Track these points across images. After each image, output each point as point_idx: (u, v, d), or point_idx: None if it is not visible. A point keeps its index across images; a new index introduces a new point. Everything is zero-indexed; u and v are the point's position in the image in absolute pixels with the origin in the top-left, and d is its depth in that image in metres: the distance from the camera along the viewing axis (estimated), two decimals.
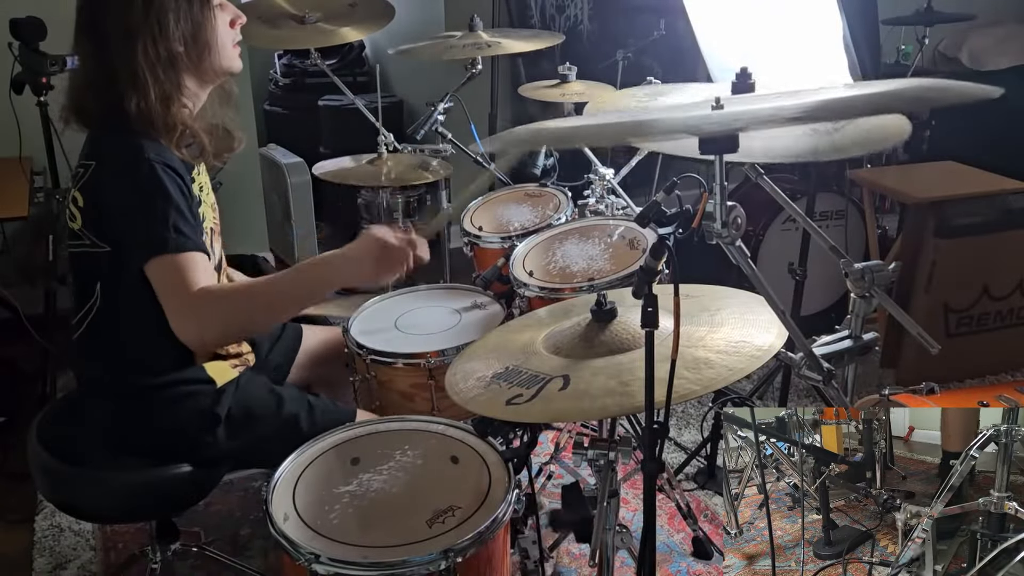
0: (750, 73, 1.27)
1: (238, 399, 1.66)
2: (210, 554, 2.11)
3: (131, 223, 1.50)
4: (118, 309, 1.57)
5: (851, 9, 2.01)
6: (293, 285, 1.59)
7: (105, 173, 1.52)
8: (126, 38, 1.49)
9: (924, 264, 2.91)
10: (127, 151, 1.50)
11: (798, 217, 1.56)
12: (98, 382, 1.65)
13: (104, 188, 1.52)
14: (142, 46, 1.49)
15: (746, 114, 1.07)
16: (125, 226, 1.51)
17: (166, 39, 1.51)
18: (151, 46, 1.50)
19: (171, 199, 1.49)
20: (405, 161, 2.71)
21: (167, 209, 1.48)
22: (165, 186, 1.49)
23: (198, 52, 1.55)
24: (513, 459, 1.43)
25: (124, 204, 1.50)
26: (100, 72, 1.52)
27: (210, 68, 1.59)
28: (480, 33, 2.67)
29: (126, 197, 1.50)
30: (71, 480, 1.62)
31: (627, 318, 1.35)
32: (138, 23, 1.49)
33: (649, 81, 2.48)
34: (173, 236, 1.47)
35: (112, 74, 1.50)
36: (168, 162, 1.51)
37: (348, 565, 1.25)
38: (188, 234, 1.49)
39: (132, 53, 1.49)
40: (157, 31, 1.50)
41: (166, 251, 1.47)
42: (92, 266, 1.56)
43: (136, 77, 1.49)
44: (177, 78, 1.55)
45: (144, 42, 1.49)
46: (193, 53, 1.55)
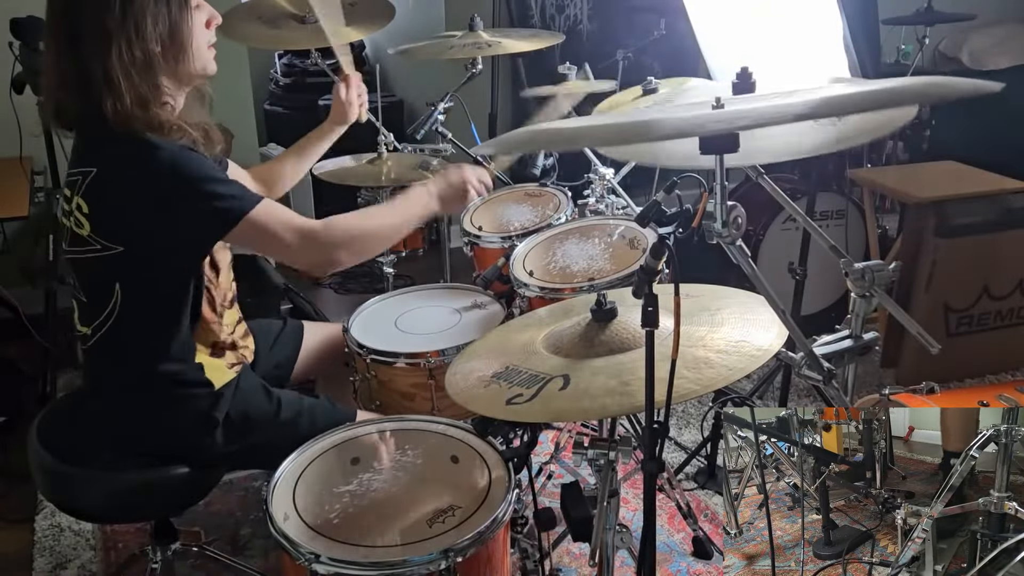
0: (750, 73, 1.26)
1: (236, 403, 1.65)
2: (210, 554, 2.11)
3: (181, 215, 1.46)
4: (139, 307, 1.55)
5: (851, 9, 2.02)
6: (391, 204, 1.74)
7: (114, 176, 1.48)
8: (101, 39, 1.44)
9: (924, 264, 2.91)
10: (137, 150, 1.46)
11: (798, 217, 1.56)
12: (104, 382, 1.65)
13: (115, 192, 1.48)
14: (116, 49, 1.44)
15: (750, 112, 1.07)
16: (169, 221, 1.46)
17: (142, 40, 1.46)
18: (126, 48, 1.44)
19: (205, 174, 1.47)
20: (405, 161, 2.71)
21: (210, 184, 1.47)
22: (198, 164, 1.47)
23: (174, 54, 1.50)
24: (513, 459, 1.43)
25: (158, 202, 1.46)
26: (73, 72, 1.47)
27: (185, 71, 1.54)
28: (480, 33, 2.67)
29: (158, 194, 1.45)
30: (71, 480, 1.61)
31: (627, 318, 1.35)
32: (115, 24, 1.43)
33: (649, 81, 2.48)
34: (231, 203, 1.47)
35: (86, 75, 1.45)
36: (180, 143, 1.48)
37: (348, 565, 1.25)
38: (238, 194, 1.49)
39: (106, 55, 1.44)
40: (133, 32, 1.44)
41: (245, 212, 1.47)
42: (108, 268, 1.52)
43: (111, 80, 1.44)
44: (154, 79, 1.49)
45: (119, 44, 1.44)
46: (169, 54, 1.50)
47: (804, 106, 0.99)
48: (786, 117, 0.99)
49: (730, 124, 1.00)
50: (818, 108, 1.00)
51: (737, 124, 0.99)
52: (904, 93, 1.10)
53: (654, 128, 1.13)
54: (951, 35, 4.42)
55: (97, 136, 1.51)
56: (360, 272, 3.85)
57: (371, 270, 3.39)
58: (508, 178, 2.95)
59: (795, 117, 0.99)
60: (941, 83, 1.10)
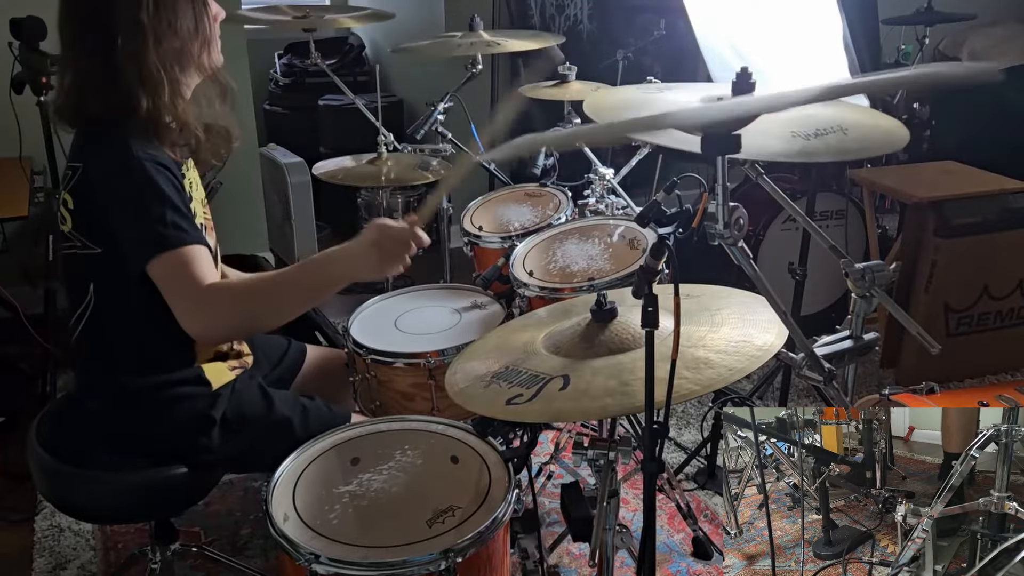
0: (750, 73, 1.26)
1: (233, 403, 1.66)
2: (210, 554, 2.11)
3: (127, 224, 1.47)
4: (112, 310, 1.56)
5: (851, 9, 2.01)
6: (298, 280, 1.56)
7: (94, 174, 1.50)
8: (136, 35, 1.45)
9: (924, 264, 2.91)
10: (115, 151, 1.47)
11: (798, 217, 1.56)
12: (93, 383, 1.65)
13: (94, 190, 1.50)
14: (155, 43, 1.46)
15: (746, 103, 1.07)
16: (120, 227, 1.48)
17: (175, 35, 1.49)
18: (163, 42, 1.47)
19: (165, 196, 1.46)
20: (405, 161, 2.71)
21: (162, 206, 1.45)
22: (158, 183, 1.46)
23: (199, 47, 1.54)
24: (513, 459, 1.43)
25: (117, 205, 1.48)
26: (103, 72, 1.47)
27: (206, 63, 1.57)
28: (480, 33, 2.67)
29: (119, 198, 1.47)
30: (71, 480, 1.61)
31: (627, 318, 1.35)
32: (149, 20, 1.45)
33: (649, 81, 2.48)
34: (172, 232, 1.45)
35: (117, 73, 1.46)
36: (158, 159, 1.48)
37: (348, 565, 1.25)
38: (187, 228, 1.47)
39: (144, 51, 1.45)
40: (167, 27, 1.47)
41: (167, 248, 1.44)
42: (84, 268, 1.55)
43: (149, 75, 1.46)
44: (183, 74, 1.53)
45: (157, 39, 1.46)
46: (195, 48, 1.53)
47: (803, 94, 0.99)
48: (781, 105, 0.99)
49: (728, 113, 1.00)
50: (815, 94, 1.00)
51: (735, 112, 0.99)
52: (898, 82, 1.10)
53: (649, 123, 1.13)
54: (951, 35, 4.42)
55: (92, 132, 1.52)
56: None
57: None
58: (508, 178, 2.95)
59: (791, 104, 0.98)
60: (933, 71, 1.09)
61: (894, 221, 3.57)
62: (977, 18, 3.97)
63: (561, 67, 2.79)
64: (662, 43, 3.70)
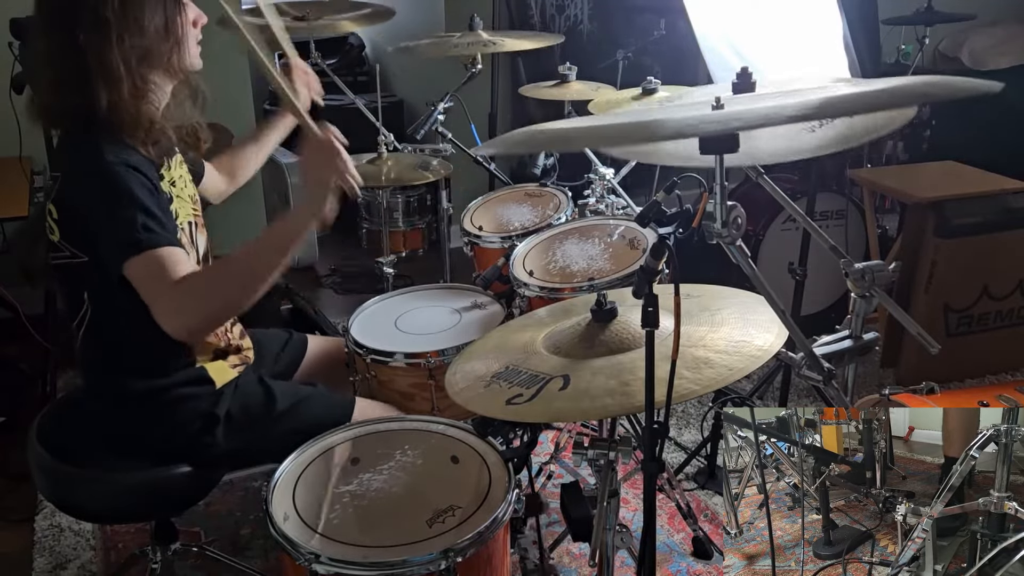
0: (750, 73, 1.26)
1: (236, 399, 1.66)
2: (210, 554, 2.11)
3: (101, 229, 1.46)
4: (109, 316, 1.56)
5: (851, 9, 2.02)
6: (261, 245, 1.53)
7: (70, 182, 1.50)
8: (101, 30, 1.45)
9: (924, 264, 2.91)
10: (86, 157, 1.47)
11: (798, 217, 1.56)
12: (99, 387, 1.65)
13: (72, 197, 1.50)
14: (117, 39, 1.45)
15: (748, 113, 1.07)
16: (96, 233, 1.47)
17: (140, 33, 1.48)
18: (127, 39, 1.46)
19: (136, 199, 1.44)
20: (405, 161, 2.71)
21: (132, 209, 1.44)
22: (128, 187, 1.45)
23: (168, 47, 1.53)
24: (513, 459, 1.43)
25: (91, 211, 1.47)
26: (69, 66, 1.47)
27: (177, 64, 1.56)
28: (480, 33, 2.67)
29: (92, 204, 1.46)
30: (71, 480, 1.61)
31: (627, 318, 1.35)
32: (114, 15, 1.45)
33: (649, 81, 2.48)
34: (143, 235, 1.43)
35: (83, 68, 1.45)
36: (129, 162, 1.47)
37: (348, 565, 1.25)
38: (157, 230, 1.45)
39: (106, 46, 1.45)
40: (132, 24, 1.47)
41: (140, 250, 1.43)
42: (76, 276, 1.55)
43: (109, 70, 1.45)
44: (148, 74, 1.52)
45: (120, 35, 1.46)
46: (164, 48, 1.52)
47: (801, 107, 0.99)
48: (780, 118, 0.99)
49: (726, 124, 1.00)
50: (816, 110, 1.00)
51: (733, 124, 0.99)
52: (903, 94, 1.10)
53: (651, 130, 1.13)
54: (951, 35, 4.43)
55: (67, 139, 1.53)
56: (360, 272, 3.85)
57: (371, 270, 3.40)
58: (508, 178, 2.95)
59: (789, 119, 0.98)
60: (940, 83, 1.10)
61: (894, 221, 3.57)
62: (977, 18, 3.97)
63: (561, 67, 2.80)
64: (662, 43, 3.71)
